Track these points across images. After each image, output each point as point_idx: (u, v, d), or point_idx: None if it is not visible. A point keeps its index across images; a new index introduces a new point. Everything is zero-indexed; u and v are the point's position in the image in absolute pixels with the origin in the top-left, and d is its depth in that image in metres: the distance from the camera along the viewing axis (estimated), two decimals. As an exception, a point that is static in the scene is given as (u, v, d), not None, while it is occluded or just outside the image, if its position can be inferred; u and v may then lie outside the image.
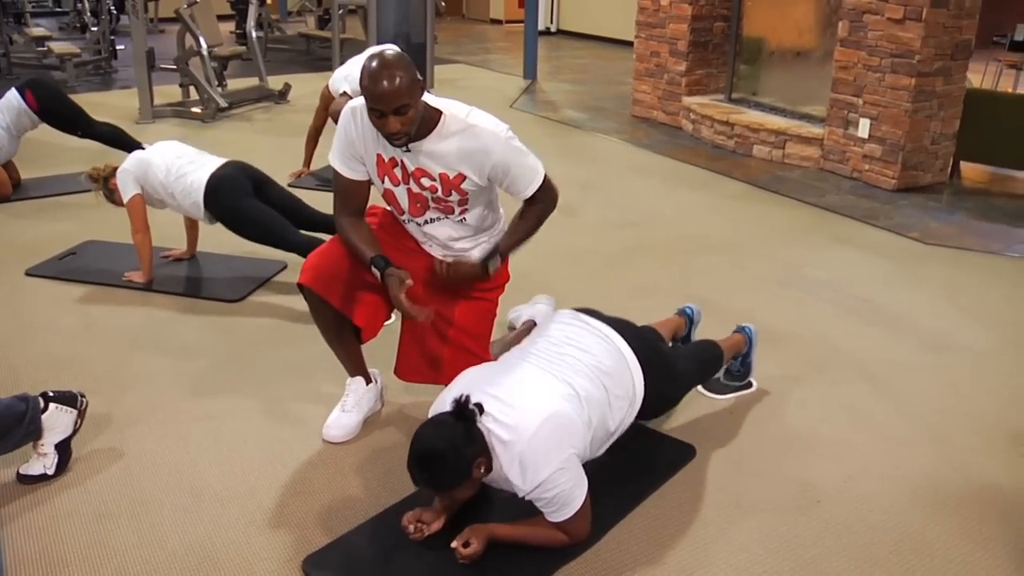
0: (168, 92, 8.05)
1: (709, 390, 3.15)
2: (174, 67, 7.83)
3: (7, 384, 3.16)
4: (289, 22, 14.10)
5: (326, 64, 9.67)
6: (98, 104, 7.38)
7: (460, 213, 2.66)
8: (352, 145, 2.58)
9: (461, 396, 2.20)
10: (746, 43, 7.20)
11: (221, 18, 9.45)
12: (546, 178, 2.66)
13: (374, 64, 2.32)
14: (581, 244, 4.76)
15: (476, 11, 16.86)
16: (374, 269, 2.56)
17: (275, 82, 8.60)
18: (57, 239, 4.67)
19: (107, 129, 5.79)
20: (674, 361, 2.77)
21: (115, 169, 4.11)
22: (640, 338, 2.61)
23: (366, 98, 2.35)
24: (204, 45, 7.51)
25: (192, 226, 4.37)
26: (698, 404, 3.08)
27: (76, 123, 5.67)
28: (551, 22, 14.63)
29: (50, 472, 2.61)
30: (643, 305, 3.71)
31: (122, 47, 10.37)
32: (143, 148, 4.42)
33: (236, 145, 6.57)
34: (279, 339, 3.60)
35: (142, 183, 4.03)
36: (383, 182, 2.62)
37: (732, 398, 3.15)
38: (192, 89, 7.88)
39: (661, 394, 2.63)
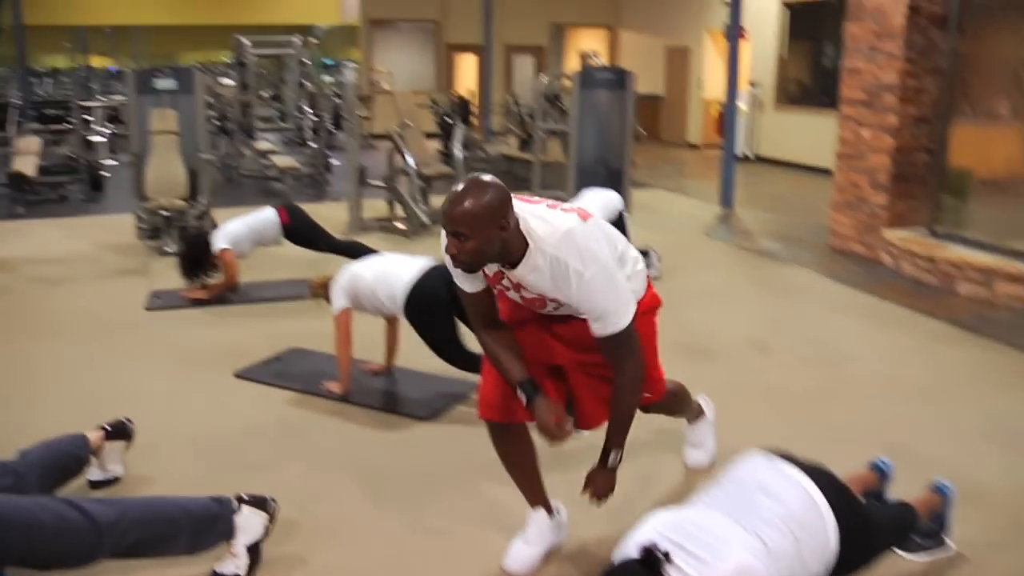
0: (376, 206, 8.59)
1: (900, 546, 2.97)
2: (383, 184, 8.36)
3: (205, 482, 3.37)
4: (492, 143, 14.78)
5: (525, 184, 10.04)
6: (311, 215, 7.96)
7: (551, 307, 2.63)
8: None
9: (649, 542, 2.17)
10: (951, 175, 6.94)
11: (427, 136, 10.04)
12: (625, 332, 2.48)
13: (461, 183, 2.38)
14: (771, 380, 4.63)
15: (673, 135, 17.10)
16: (521, 394, 2.59)
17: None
18: (266, 342, 5.02)
19: (347, 244, 6.28)
20: (870, 519, 2.63)
21: (330, 279, 4.41)
22: (837, 490, 2.50)
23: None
24: (412, 164, 8.00)
25: (392, 340, 4.57)
26: (887, 562, 2.90)
27: (318, 241, 6.18)
28: (748, 148, 14.62)
29: (241, 573, 2.75)
30: (833, 450, 3.55)
31: (336, 162, 11.18)
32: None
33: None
34: (469, 459, 3.66)
35: (352, 295, 4.28)
36: (495, 288, 2.63)
37: (925, 559, 2.94)
38: (398, 205, 8.36)
39: (854, 554, 2.50)
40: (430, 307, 4.08)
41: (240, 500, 2.80)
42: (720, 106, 12.92)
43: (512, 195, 2.40)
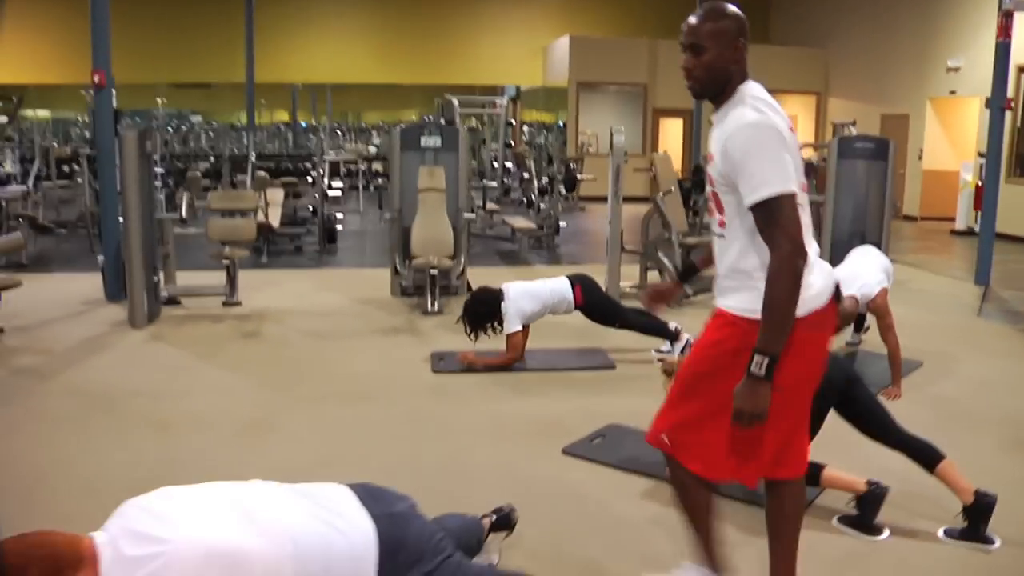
0: (626, 272, 8.25)
1: None
2: (640, 250, 8.06)
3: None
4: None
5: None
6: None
7: (719, 224, 2.46)
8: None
9: None
10: None
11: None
12: (778, 199, 2.25)
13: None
14: None
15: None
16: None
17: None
18: (577, 416, 4.71)
19: (640, 318, 5.94)
20: None
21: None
22: None
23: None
24: (675, 231, 7.69)
25: None
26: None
27: (613, 315, 5.90)
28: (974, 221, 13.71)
29: None
30: None
31: (564, 224, 11.04)
32: (677, 333, 4.47)
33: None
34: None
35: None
36: None
37: None
38: (653, 272, 8.03)
39: None
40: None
41: None
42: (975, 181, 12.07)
43: None
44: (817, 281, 2.38)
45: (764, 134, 2.29)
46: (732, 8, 2.42)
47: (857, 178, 8.85)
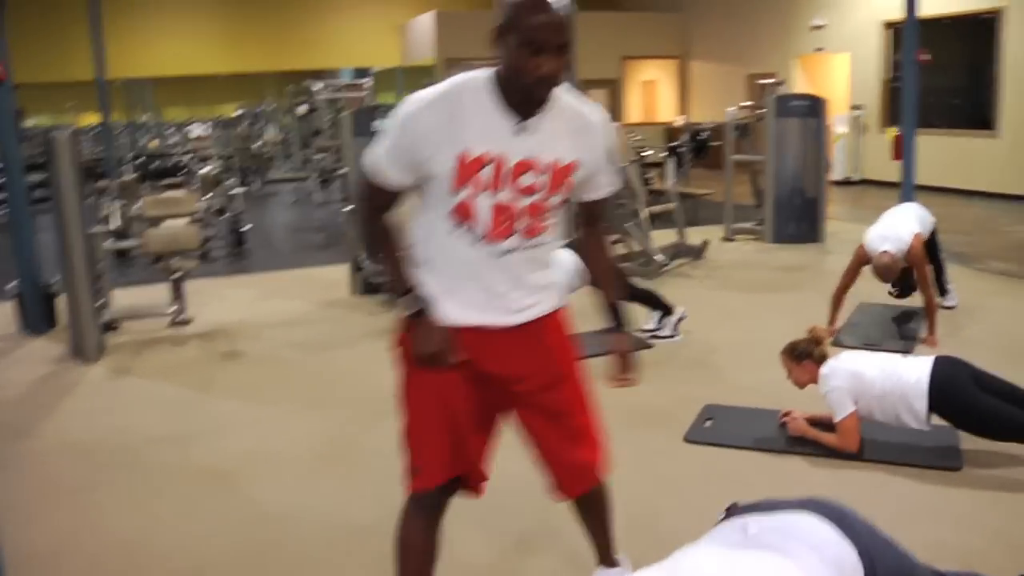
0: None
1: None
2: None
3: None
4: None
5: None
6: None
7: (543, 231, 2.18)
8: (424, 142, 2.04)
9: None
10: None
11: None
12: None
13: None
14: None
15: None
16: (410, 302, 2.14)
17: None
18: (675, 400, 4.36)
19: (642, 291, 5.59)
20: None
21: (822, 353, 3.81)
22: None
23: (523, 29, 1.94)
24: (640, 200, 7.41)
25: None
26: None
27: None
28: (852, 171, 14.22)
29: None
30: None
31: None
32: (672, 311, 4.98)
33: (704, 302, 6.38)
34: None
35: (856, 397, 3.68)
36: (459, 191, 2.06)
37: None
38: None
39: None
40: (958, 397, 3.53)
41: None
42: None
43: None
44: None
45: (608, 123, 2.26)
46: None
47: (793, 136, 8.87)
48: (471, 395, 2.22)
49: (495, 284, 2.17)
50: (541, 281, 2.25)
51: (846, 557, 1.64)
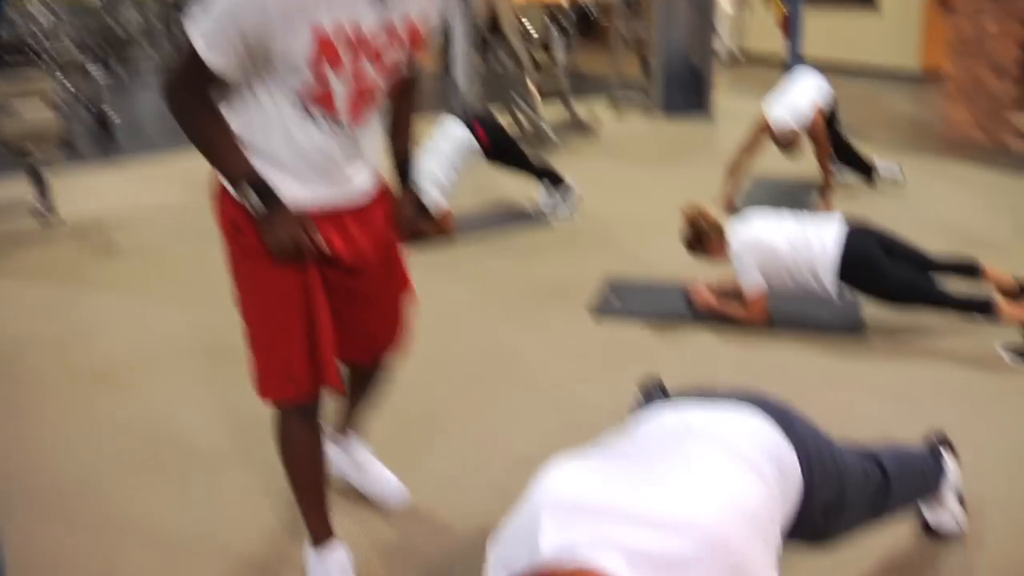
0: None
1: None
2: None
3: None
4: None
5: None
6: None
7: (381, 102, 2.08)
8: (263, 18, 1.74)
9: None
10: None
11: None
12: None
13: None
14: None
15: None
16: (251, 193, 1.91)
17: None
18: (575, 275, 4.31)
19: (545, 167, 5.47)
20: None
21: (717, 225, 3.75)
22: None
23: None
24: (534, 75, 7.21)
25: None
26: None
27: (522, 163, 5.36)
28: (733, 46, 14.23)
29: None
30: None
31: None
32: (562, 181, 4.88)
33: (597, 177, 6.30)
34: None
35: (765, 269, 3.63)
36: (310, 69, 1.83)
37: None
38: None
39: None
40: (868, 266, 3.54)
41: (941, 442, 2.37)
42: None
43: None
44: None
45: None
46: None
47: (680, 8, 8.72)
48: (323, 283, 2.07)
49: (341, 163, 2.02)
50: (375, 157, 2.14)
51: (790, 465, 1.58)
